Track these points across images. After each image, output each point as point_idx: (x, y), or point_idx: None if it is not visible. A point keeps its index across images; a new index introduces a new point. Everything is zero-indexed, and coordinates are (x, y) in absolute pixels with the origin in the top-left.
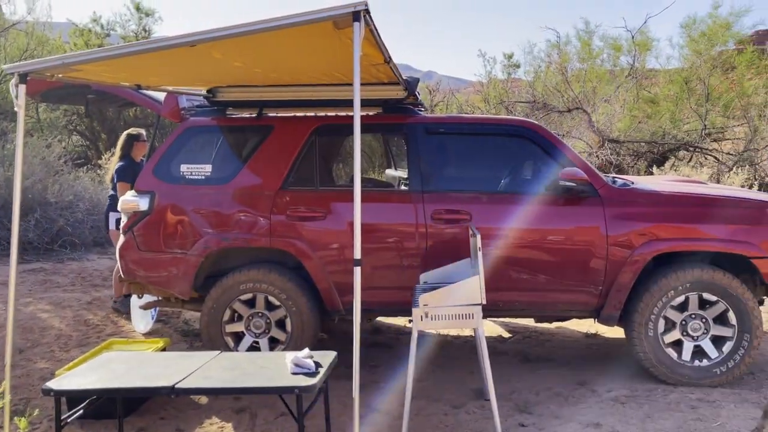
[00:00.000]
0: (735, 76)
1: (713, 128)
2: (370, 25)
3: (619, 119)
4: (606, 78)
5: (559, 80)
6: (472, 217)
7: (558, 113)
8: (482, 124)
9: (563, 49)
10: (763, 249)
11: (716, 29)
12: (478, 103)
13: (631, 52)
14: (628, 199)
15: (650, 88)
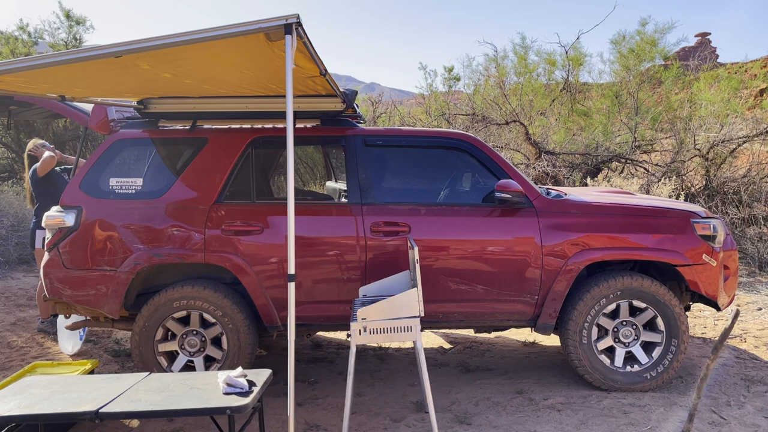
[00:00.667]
0: (662, 91)
1: (643, 140)
2: (303, 38)
3: (554, 132)
4: (542, 92)
5: (497, 93)
6: (411, 229)
7: (497, 125)
8: (420, 137)
9: (501, 64)
10: (687, 257)
11: (644, 46)
12: (420, 115)
13: (565, 66)
14: (562, 210)
15: (584, 102)
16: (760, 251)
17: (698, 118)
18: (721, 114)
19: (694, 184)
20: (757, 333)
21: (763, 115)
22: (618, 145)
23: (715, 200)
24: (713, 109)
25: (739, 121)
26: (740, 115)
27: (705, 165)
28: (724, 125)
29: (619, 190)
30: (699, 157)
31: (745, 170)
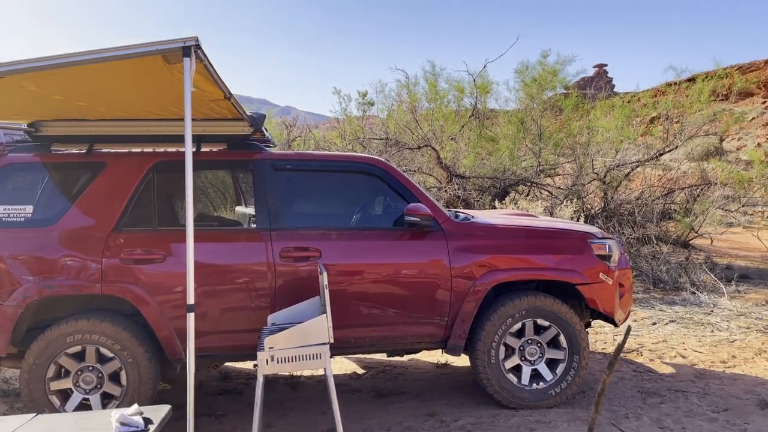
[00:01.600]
0: (563, 118)
1: (546, 165)
2: (204, 61)
3: (464, 156)
4: (452, 118)
5: (409, 119)
6: (322, 254)
7: (410, 150)
8: (330, 161)
9: (412, 90)
10: (586, 276)
11: (546, 75)
12: (334, 139)
13: (473, 94)
14: (469, 233)
15: (491, 128)
16: (654, 269)
17: (596, 144)
18: (616, 140)
19: (594, 206)
20: (652, 346)
21: (653, 141)
22: (524, 169)
23: (612, 221)
24: (609, 135)
25: (632, 147)
26: (633, 142)
27: (603, 188)
28: (618, 151)
29: (523, 212)
30: (597, 181)
31: (638, 193)
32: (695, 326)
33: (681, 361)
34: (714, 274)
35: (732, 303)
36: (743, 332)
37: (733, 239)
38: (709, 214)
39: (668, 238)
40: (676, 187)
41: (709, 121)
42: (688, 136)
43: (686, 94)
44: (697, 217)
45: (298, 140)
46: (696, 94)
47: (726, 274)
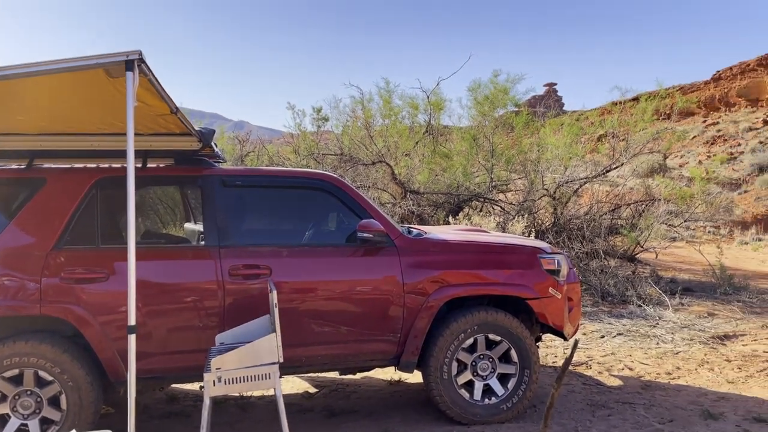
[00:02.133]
0: (514, 135)
1: (499, 181)
2: (148, 75)
3: (419, 172)
4: (406, 134)
5: (364, 135)
6: (273, 271)
7: (364, 166)
8: (281, 177)
9: (367, 106)
10: (536, 291)
11: (497, 93)
12: (288, 155)
13: (427, 110)
14: (422, 248)
15: (445, 144)
16: (602, 282)
17: (546, 161)
18: (564, 157)
19: (544, 221)
20: (600, 359)
21: (600, 158)
22: (477, 185)
23: (562, 236)
24: (558, 152)
25: (580, 164)
26: (581, 159)
27: (553, 203)
28: (567, 167)
29: (475, 228)
30: (547, 197)
31: (587, 208)
32: (641, 338)
33: (628, 374)
34: (659, 288)
35: (676, 315)
36: (687, 344)
37: (676, 253)
38: (654, 229)
39: (615, 252)
40: (623, 202)
41: (653, 140)
42: (633, 153)
43: (631, 113)
44: (642, 231)
45: (251, 155)
46: (640, 113)
47: (670, 287)
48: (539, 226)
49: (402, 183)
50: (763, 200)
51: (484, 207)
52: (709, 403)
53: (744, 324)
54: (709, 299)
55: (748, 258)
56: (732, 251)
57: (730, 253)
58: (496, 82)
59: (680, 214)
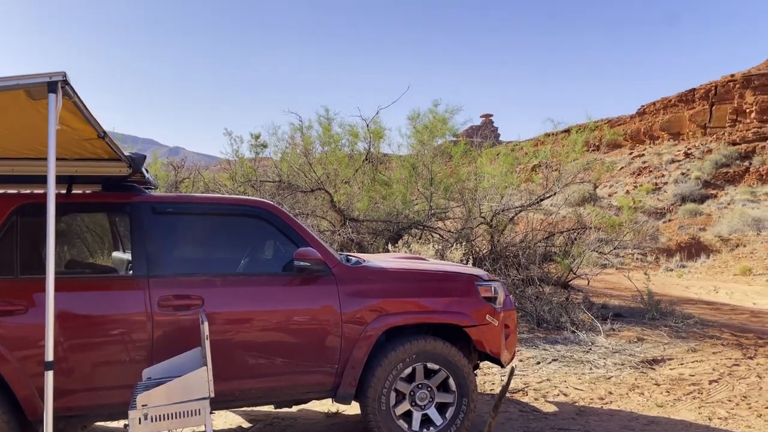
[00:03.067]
0: (453, 164)
1: (437, 209)
2: (73, 98)
3: (358, 199)
4: (346, 161)
5: (303, 162)
6: (205, 301)
7: (303, 193)
8: (215, 204)
9: (306, 133)
10: (473, 318)
11: (436, 123)
12: (225, 181)
13: (367, 138)
14: (360, 277)
15: (385, 172)
16: (538, 309)
17: (482, 190)
18: (500, 186)
19: (482, 249)
20: (536, 386)
21: (535, 187)
22: (416, 213)
23: (499, 263)
24: (494, 181)
25: (516, 192)
26: (516, 188)
27: (490, 231)
28: (503, 196)
29: (414, 255)
30: (485, 224)
31: (522, 236)
32: (575, 364)
33: (563, 399)
34: (591, 313)
35: (608, 341)
36: (618, 368)
37: (607, 280)
38: (586, 256)
39: (550, 279)
40: (556, 230)
41: (584, 170)
42: (565, 183)
43: (563, 144)
44: (575, 259)
45: (187, 182)
46: (571, 144)
47: (602, 312)
48: (477, 253)
49: (341, 210)
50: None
51: (424, 234)
52: (640, 427)
53: (671, 348)
54: (638, 324)
55: (673, 284)
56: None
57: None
58: (435, 112)
59: (610, 241)
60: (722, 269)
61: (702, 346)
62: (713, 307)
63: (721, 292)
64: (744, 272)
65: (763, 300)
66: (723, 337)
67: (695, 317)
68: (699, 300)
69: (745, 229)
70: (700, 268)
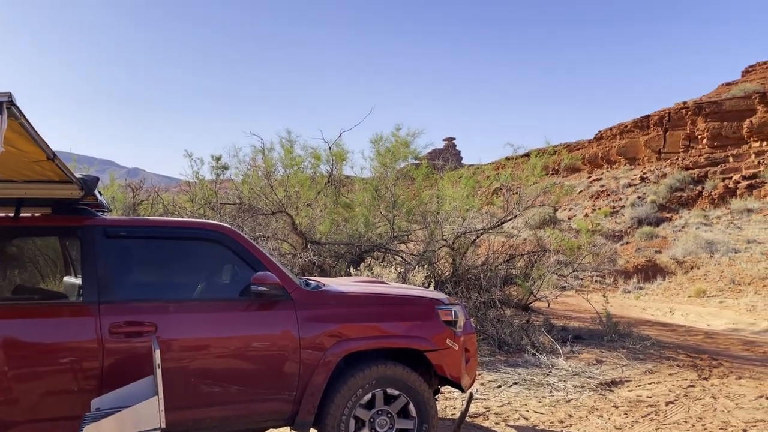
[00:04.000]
0: (415, 187)
1: (400, 231)
2: (20, 119)
3: (320, 222)
4: (308, 184)
5: (264, 184)
6: (159, 328)
7: (264, 216)
8: (170, 227)
9: (268, 155)
10: (434, 342)
11: (398, 146)
12: (184, 204)
13: (329, 161)
14: (319, 302)
15: (347, 195)
16: (499, 332)
17: (444, 212)
18: (462, 209)
19: (444, 272)
20: (497, 410)
21: (496, 210)
22: (378, 236)
23: (460, 286)
24: (456, 204)
25: (477, 215)
26: (478, 211)
27: (452, 254)
28: (465, 219)
29: (374, 279)
30: (447, 247)
31: (484, 258)
32: (536, 387)
33: (524, 423)
34: (551, 336)
35: (567, 363)
36: (578, 391)
37: (567, 302)
38: (546, 279)
39: (511, 301)
40: (517, 253)
41: (543, 193)
42: (526, 206)
43: (523, 168)
44: (535, 281)
45: (145, 204)
46: (531, 168)
47: (562, 335)
48: (439, 276)
49: (303, 233)
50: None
51: (386, 257)
52: None
53: (629, 370)
54: (597, 346)
55: (631, 306)
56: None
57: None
58: (398, 135)
59: (570, 264)
60: (678, 291)
61: (659, 368)
62: (669, 329)
63: (677, 314)
64: (698, 294)
65: (717, 321)
66: (679, 358)
67: (652, 339)
68: (656, 321)
69: (698, 252)
70: (656, 290)
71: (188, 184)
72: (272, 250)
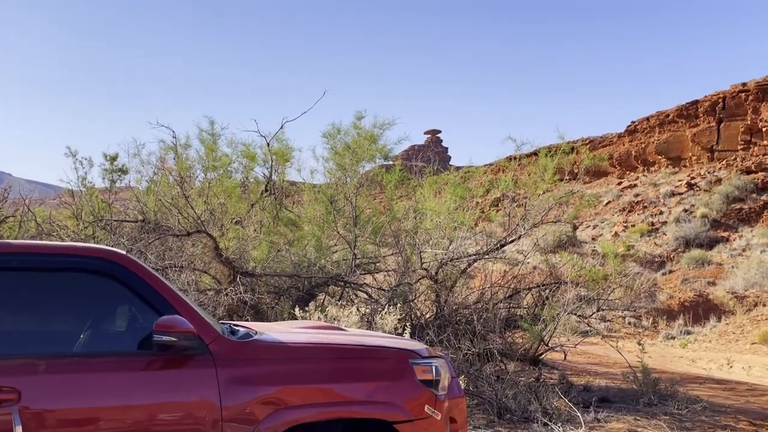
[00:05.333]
0: (385, 197)
1: (365, 258)
2: None
3: (254, 246)
4: (237, 193)
5: (176, 194)
6: (22, 396)
7: (176, 237)
8: (41, 255)
9: (182, 154)
10: (408, 410)
11: (361, 142)
12: (65, 221)
13: (267, 162)
14: (249, 356)
15: (293, 208)
16: (499, 394)
17: (425, 232)
18: (448, 227)
19: (424, 313)
20: None
21: (494, 228)
22: (335, 264)
23: (447, 332)
24: (441, 221)
25: (469, 235)
26: (470, 229)
27: (435, 288)
28: (452, 240)
29: (328, 324)
30: (428, 279)
31: (478, 294)
32: None
33: None
34: (569, 399)
35: None
36: None
37: (590, 352)
38: (562, 321)
39: (515, 352)
40: (523, 286)
41: (558, 205)
42: (534, 223)
43: (529, 171)
44: (547, 324)
45: (11, 222)
46: (540, 171)
47: (583, 397)
48: (417, 318)
49: (230, 261)
50: (691, 283)
51: (345, 293)
52: None
53: None
54: (631, 412)
55: (676, 356)
56: (657, 348)
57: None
58: (360, 127)
59: (593, 301)
60: (737, 336)
61: None
62: (726, 387)
63: (737, 367)
64: (764, 340)
65: None
66: (739, 427)
67: (704, 401)
68: (708, 378)
69: (765, 284)
70: (709, 335)
71: (71, 194)
72: (186, 285)
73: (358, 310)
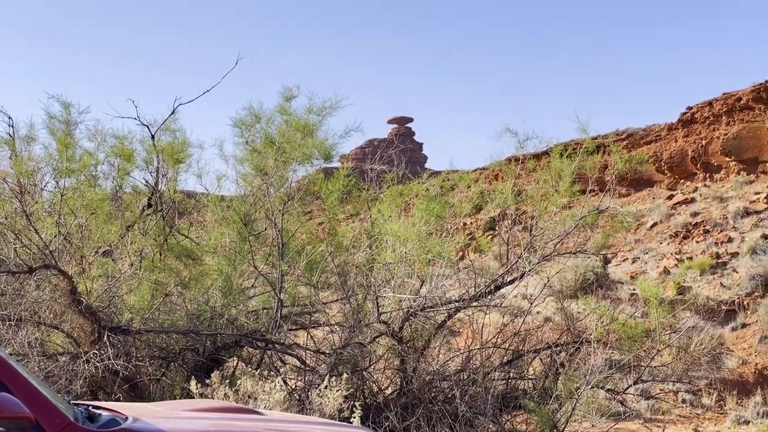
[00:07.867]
0: (326, 216)
1: (296, 306)
2: None
3: (130, 289)
4: (106, 209)
5: (13, 209)
6: None
7: (12, 275)
8: None
9: (21, 150)
10: None
11: (291, 134)
12: None
13: (151, 163)
14: None
15: (189, 231)
16: None
17: (384, 267)
18: (418, 260)
19: (383, 387)
20: None
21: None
22: (253, 316)
23: (416, 413)
24: (407, 250)
25: (450, 272)
26: (451, 264)
27: (399, 350)
28: (424, 280)
29: (237, 405)
30: (388, 337)
31: (463, 359)
32: None
33: None
34: None
35: None
36: None
37: None
38: (584, 398)
39: None
40: (528, 347)
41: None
42: (545, 254)
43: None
44: (563, 402)
45: None
46: (553, 178)
47: None
48: (374, 395)
49: (94, 312)
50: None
51: (267, 358)
52: None
53: None
54: None
55: None
56: None
57: None
58: (290, 112)
59: (630, 369)
60: None
61: None
62: None
63: None
64: None
65: None
66: None
67: None
68: None
69: None
70: None
71: None
72: (26, 347)
73: (286, 384)
